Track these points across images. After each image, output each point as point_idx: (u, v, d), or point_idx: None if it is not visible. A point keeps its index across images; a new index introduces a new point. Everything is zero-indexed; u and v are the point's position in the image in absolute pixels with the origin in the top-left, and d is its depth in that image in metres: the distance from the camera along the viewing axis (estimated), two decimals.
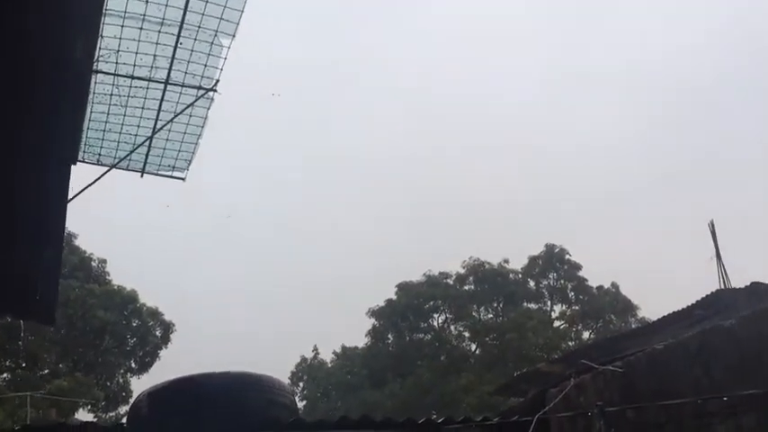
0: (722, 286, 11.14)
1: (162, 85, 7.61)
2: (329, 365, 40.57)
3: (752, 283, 10.80)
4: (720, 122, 56.77)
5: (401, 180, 62.49)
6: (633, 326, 29.46)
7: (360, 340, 37.45)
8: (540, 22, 67.36)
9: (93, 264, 28.42)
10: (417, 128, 65.44)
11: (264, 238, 62.28)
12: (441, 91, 68.72)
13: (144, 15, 6.85)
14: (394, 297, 35.06)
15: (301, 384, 40.17)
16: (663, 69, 62.35)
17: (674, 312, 11.59)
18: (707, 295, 11.10)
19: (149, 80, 7.55)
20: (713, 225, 12.16)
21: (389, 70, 68.88)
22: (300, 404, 33.71)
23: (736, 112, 57.56)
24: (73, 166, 6.84)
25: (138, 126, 8.08)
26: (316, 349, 40.94)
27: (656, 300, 37.16)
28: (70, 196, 6.86)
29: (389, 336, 35.44)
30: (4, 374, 25.22)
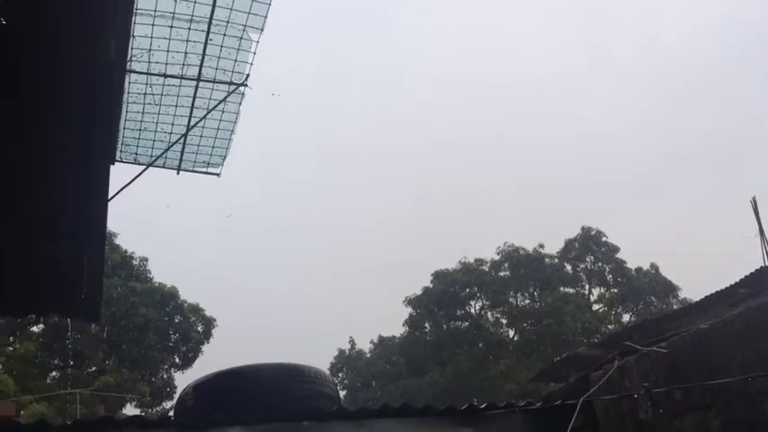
0: (766, 264, 10.86)
1: (194, 82, 7.69)
2: (368, 355, 40.81)
3: None
4: (751, 97, 55.53)
5: (433, 168, 62.51)
6: (675, 307, 28.94)
7: (396, 330, 37.66)
8: (550, 13, 66.70)
9: (135, 262, 28.99)
10: (445, 114, 65.34)
11: (299, 233, 62.97)
12: (461, 77, 68.52)
13: (174, 13, 6.92)
14: (430, 285, 35.04)
15: (341, 375, 40.51)
16: (684, 47, 61.30)
17: (717, 292, 11.33)
18: (750, 273, 10.83)
19: (181, 78, 7.63)
20: (755, 202, 11.84)
21: (413, 55, 68.72)
22: (341, 394, 33.97)
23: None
24: (111, 166, 6.97)
25: (173, 124, 8.18)
26: (352, 340, 41.26)
27: (697, 280, 36.57)
28: (110, 195, 6.99)
29: (426, 324, 35.43)
30: (54, 373, 25.93)
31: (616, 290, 34.27)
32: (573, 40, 68.88)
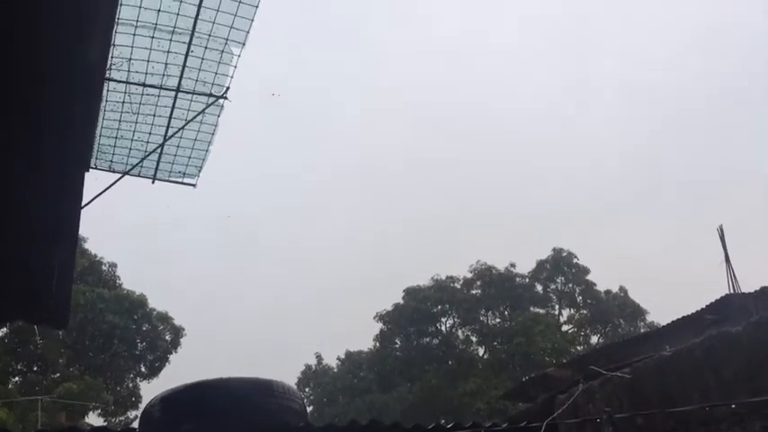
0: (731, 291, 11.13)
1: (173, 93, 7.69)
2: (335, 370, 40.58)
3: (761, 288, 10.80)
4: (721, 130, 57.07)
5: (406, 186, 62.78)
6: (642, 330, 29.38)
7: (364, 345, 37.58)
8: (540, 43, 67.90)
9: (104, 268, 28.58)
10: (422, 134, 65.76)
11: (271, 245, 62.65)
12: (446, 99, 69.26)
13: (156, 24, 6.93)
14: (401, 301, 35.06)
15: (307, 390, 40.17)
16: (660, 83, 62.83)
17: (683, 317, 11.56)
18: (716, 300, 11.09)
19: (161, 88, 7.62)
20: (722, 230, 12.15)
21: (395, 77, 69.34)
22: (308, 409, 33.60)
23: (736, 119, 57.89)
24: (86, 173, 6.91)
25: (150, 133, 8.16)
26: (319, 356, 40.89)
27: (665, 304, 37.15)
28: (83, 202, 6.93)
29: (397, 340, 35.42)
30: (16, 378, 25.38)
31: (585, 311, 34.67)
32: (565, 57, 69.84)
